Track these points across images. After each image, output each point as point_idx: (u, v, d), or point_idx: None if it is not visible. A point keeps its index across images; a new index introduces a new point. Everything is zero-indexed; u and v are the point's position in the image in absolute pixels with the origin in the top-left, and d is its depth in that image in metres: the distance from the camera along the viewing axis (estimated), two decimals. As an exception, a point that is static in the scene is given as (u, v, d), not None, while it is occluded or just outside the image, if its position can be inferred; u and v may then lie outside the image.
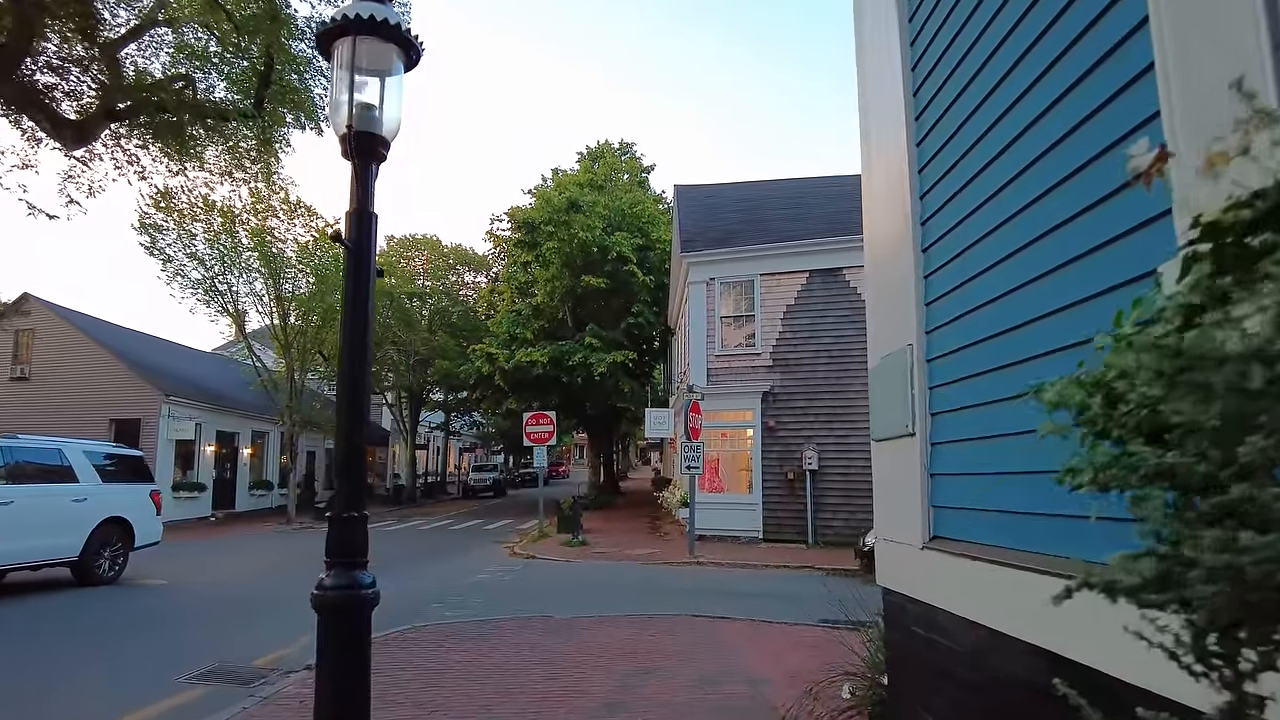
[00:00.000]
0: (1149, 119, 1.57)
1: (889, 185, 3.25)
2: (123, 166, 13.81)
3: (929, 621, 2.51)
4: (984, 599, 2.13)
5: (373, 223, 3.22)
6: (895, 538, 2.86)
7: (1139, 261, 1.60)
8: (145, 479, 11.87)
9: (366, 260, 3.17)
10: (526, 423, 18.33)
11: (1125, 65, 1.68)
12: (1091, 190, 1.82)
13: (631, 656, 6.68)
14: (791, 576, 12.45)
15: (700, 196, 21.29)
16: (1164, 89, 1.45)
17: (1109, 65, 1.75)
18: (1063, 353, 1.89)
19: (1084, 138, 1.86)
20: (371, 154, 3.25)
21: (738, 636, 7.56)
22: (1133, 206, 1.62)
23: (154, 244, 22.86)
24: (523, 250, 26.86)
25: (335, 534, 2.93)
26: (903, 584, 2.78)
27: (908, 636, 2.72)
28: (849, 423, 15.79)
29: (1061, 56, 1.94)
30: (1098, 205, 1.79)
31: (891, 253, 3.08)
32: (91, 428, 20.65)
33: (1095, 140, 1.81)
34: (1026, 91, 2.11)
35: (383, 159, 3.33)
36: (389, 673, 6.04)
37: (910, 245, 2.77)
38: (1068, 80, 1.92)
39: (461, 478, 44.81)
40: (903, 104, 3.00)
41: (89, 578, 10.29)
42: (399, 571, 12.97)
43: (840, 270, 16.40)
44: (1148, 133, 1.55)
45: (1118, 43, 1.71)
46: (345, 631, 2.87)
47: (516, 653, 6.79)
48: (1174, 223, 1.40)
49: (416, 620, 8.40)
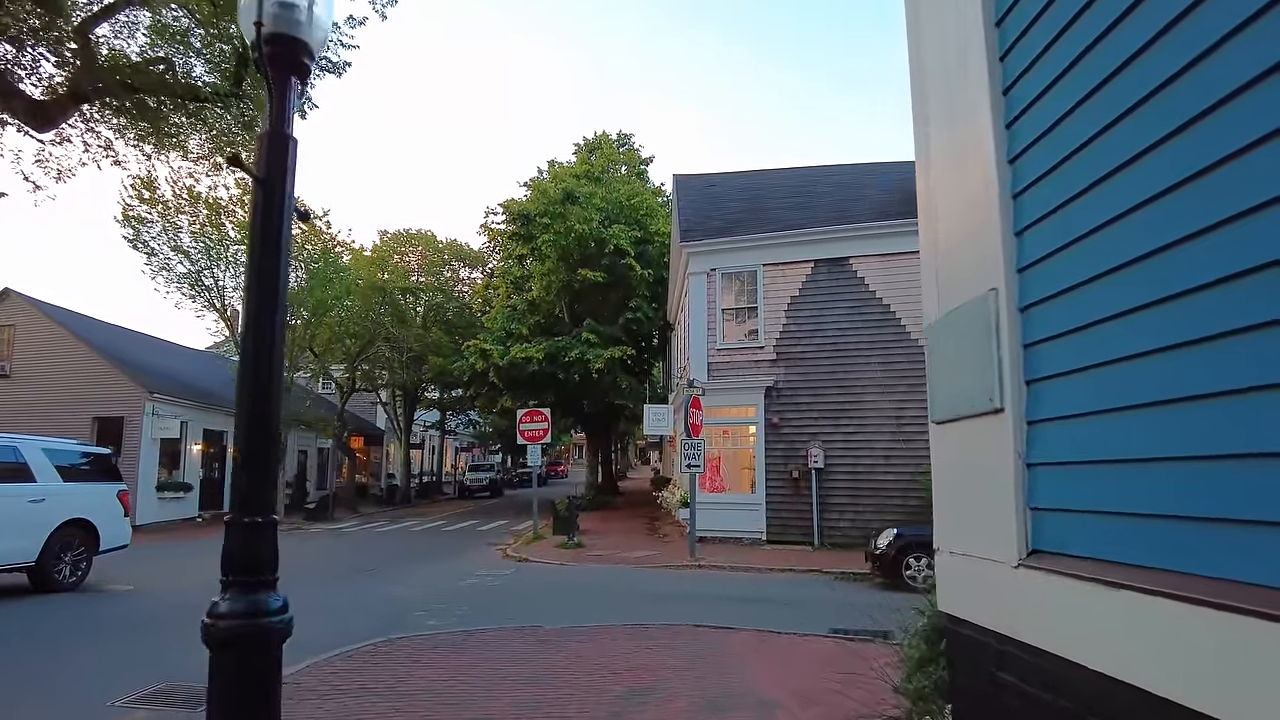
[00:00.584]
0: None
1: (946, 65, 2.51)
2: (92, 149, 13.13)
3: (1027, 669, 1.82)
4: (1126, 644, 1.47)
5: (290, 149, 2.55)
6: (968, 550, 2.15)
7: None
8: (112, 478, 11.18)
9: (281, 194, 2.50)
10: (520, 420, 17.66)
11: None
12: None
13: (627, 673, 6.00)
14: (797, 581, 11.78)
15: (701, 186, 20.61)
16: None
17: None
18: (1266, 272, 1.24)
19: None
20: (290, 64, 2.58)
21: (743, 649, 6.89)
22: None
23: (138, 237, 22.22)
24: (518, 243, 26.17)
25: (234, 543, 2.26)
26: (981, 613, 2.08)
27: (991, 686, 2.01)
28: (856, 419, 15.13)
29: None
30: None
31: (957, 167, 2.34)
32: (73, 426, 19.98)
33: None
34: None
35: (305, 72, 2.65)
36: (352, 694, 5.37)
37: (989, 151, 2.07)
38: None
39: (458, 478, 44.13)
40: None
41: (47, 584, 9.61)
42: (384, 575, 12.32)
43: (847, 260, 15.72)
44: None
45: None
46: (245, 674, 2.20)
47: (499, 670, 6.12)
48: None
49: (394, 630, 7.73)
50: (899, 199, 17.60)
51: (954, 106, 2.43)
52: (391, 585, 11.20)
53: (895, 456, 14.74)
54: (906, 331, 15.11)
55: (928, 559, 10.49)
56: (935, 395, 2.30)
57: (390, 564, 13.86)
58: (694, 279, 16.88)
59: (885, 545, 10.73)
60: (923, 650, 4.31)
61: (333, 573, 12.69)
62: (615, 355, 22.81)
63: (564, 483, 47.86)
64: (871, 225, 15.68)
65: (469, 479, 40.45)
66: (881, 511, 14.29)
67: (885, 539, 10.80)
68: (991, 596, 1.98)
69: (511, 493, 41.10)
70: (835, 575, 12.00)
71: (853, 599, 10.24)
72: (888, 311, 15.28)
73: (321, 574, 12.50)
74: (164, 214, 21.94)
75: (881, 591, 10.61)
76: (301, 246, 23.64)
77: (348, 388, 30.23)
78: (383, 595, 10.33)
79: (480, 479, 39.70)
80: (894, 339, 15.15)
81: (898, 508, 14.28)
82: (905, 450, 14.64)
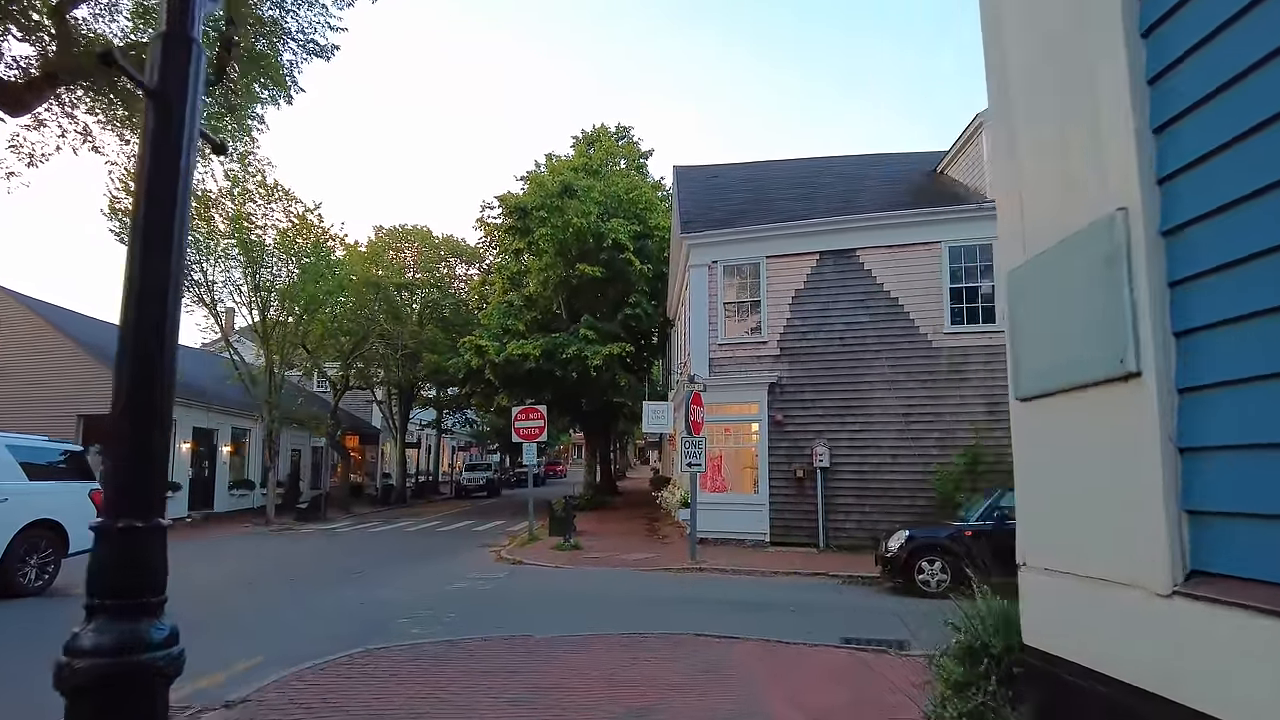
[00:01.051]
0: None
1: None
2: (69, 135, 12.59)
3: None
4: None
5: (194, 56, 2.01)
6: (1076, 568, 1.57)
7: None
8: (85, 477, 10.65)
9: (180, 110, 1.97)
10: (515, 417, 17.15)
11: None
12: None
13: (623, 690, 5.48)
14: (803, 585, 11.26)
15: (702, 177, 20.09)
16: None
17: None
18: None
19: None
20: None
21: (749, 661, 6.37)
22: None
23: (125, 229, 21.67)
24: (514, 237, 25.63)
25: (105, 555, 1.73)
26: (1098, 655, 1.49)
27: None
28: (863, 416, 14.61)
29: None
30: None
31: (1051, 51, 1.73)
32: (59, 424, 19.42)
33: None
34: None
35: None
36: (318, 714, 4.85)
37: (1113, 9, 1.51)
38: None
39: (455, 477, 43.60)
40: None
41: (11, 588, 9.08)
42: (371, 578, 11.80)
43: (853, 251, 15.19)
44: None
45: None
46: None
47: (482, 685, 5.59)
48: None
49: (375, 639, 7.20)
50: (906, 189, 17.09)
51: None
52: (378, 589, 10.68)
53: (903, 455, 14.22)
54: (915, 325, 14.59)
55: (941, 561, 9.97)
56: (1022, 363, 1.76)
57: (379, 566, 13.34)
58: (695, 271, 16.35)
59: (897, 548, 10.21)
60: (958, 672, 3.78)
61: (318, 575, 12.17)
62: (614, 352, 22.29)
63: (563, 483, 47.33)
64: (879, 216, 15.16)
65: (466, 479, 39.93)
66: (890, 512, 13.77)
67: (897, 541, 10.28)
68: (1117, 633, 1.45)
69: (509, 493, 40.55)
70: (842, 579, 11.49)
71: (862, 604, 9.74)
72: (895, 305, 14.75)
73: (306, 576, 11.98)
74: (151, 206, 21.42)
75: (893, 596, 10.10)
76: (292, 240, 23.08)
77: (341, 385, 29.70)
78: (367, 599, 9.81)
79: (477, 479, 39.18)
80: (902, 333, 14.64)
81: (906, 508, 13.77)
82: (914, 448, 14.12)
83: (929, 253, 14.70)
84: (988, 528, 9.80)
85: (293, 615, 8.92)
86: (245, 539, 18.65)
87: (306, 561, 14.00)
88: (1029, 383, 1.64)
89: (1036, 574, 1.73)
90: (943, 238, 14.61)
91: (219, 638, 7.42)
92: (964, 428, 13.86)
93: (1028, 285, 1.64)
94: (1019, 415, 1.85)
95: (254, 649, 6.85)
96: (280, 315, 23.49)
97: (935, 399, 14.24)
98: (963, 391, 14.14)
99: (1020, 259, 1.71)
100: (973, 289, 14.46)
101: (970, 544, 9.36)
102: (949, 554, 9.83)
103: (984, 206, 14.48)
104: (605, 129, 30.60)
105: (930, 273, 14.63)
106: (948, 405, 14.16)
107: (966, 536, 9.82)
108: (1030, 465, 1.83)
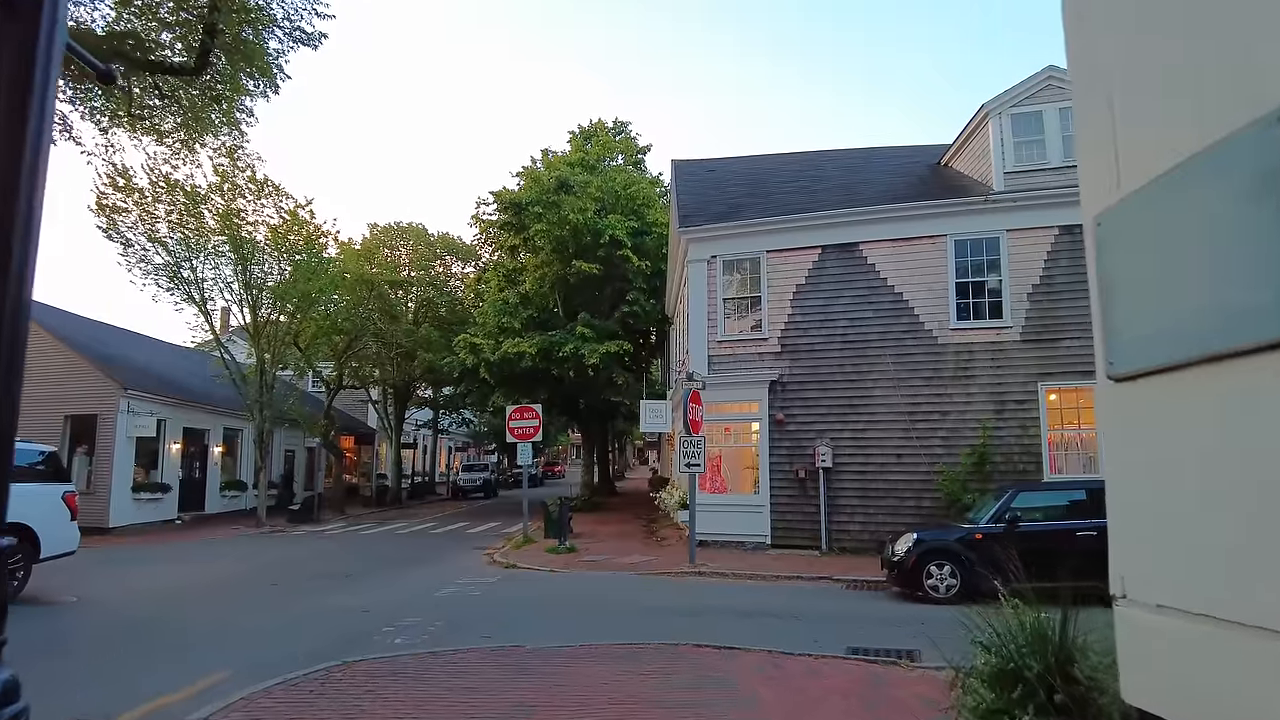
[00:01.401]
0: None
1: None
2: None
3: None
4: None
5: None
6: (1212, 609, 1.12)
7: None
8: (58, 479, 10.23)
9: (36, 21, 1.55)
10: (510, 416, 16.72)
11: None
12: None
13: (618, 709, 5.07)
14: (806, 590, 10.85)
15: (701, 171, 19.67)
16: None
17: None
18: None
19: None
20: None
21: (752, 674, 5.96)
22: None
23: (114, 226, 21.21)
24: (510, 233, 25.17)
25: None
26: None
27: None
28: (867, 415, 14.18)
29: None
30: None
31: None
32: (45, 425, 19.00)
33: None
34: None
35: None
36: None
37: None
38: None
39: (451, 478, 43.14)
40: None
41: (-24, 596, 8.64)
42: (358, 582, 11.37)
43: (856, 245, 14.77)
44: None
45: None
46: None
47: (464, 704, 5.18)
48: None
49: (355, 651, 6.79)
50: (909, 182, 16.67)
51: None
52: (363, 594, 10.26)
53: (908, 454, 13.79)
54: (920, 321, 14.18)
55: (951, 566, 9.55)
56: (1118, 331, 1.32)
57: (368, 569, 12.91)
58: (694, 267, 15.92)
59: (904, 551, 9.78)
60: (989, 699, 3.39)
61: (303, 579, 11.74)
62: (611, 350, 21.85)
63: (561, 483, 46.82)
64: (882, 209, 14.73)
65: (463, 479, 39.50)
66: (894, 514, 13.36)
67: (904, 545, 9.86)
68: (1267, 702, 1.03)
69: (506, 493, 40.09)
70: (846, 583, 11.07)
71: (869, 610, 9.32)
72: (900, 300, 14.33)
73: (290, 580, 11.55)
74: (140, 203, 20.95)
75: (900, 602, 9.69)
76: (283, 236, 22.64)
77: (335, 385, 29.25)
78: (350, 605, 9.39)
79: (474, 479, 38.75)
80: (906, 329, 14.22)
81: (911, 509, 13.36)
82: (919, 448, 13.70)
83: (934, 246, 14.28)
84: (1000, 530, 9.39)
85: (270, 623, 8.50)
86: (233, 541, 18.21)
87: (293, 565, 13.57)
88: (1131, 354, 1.21)
89: (1140, 612, 1.29)
90: (948, 231, 14.19)
91: (185, 649, 7.02)
92: (971, 426, 13.45)
93: (1125, 229, 1.22)
94: (1111, 401, 1.41)
95: (223, 662, 6.43)
96: (271, 313, 23.04)
97: (941, 397, 13.83)
98: (969, 389, 13.73)
99: (1114, 196, 1.29)
100: (979, 283, 14.05)
101: (982, 548, 8.95)
102: (959, 559, 9.42)
103: (990, 199, 14.07)
104: (602, 124, 30.16)
105: (935, 267, 14.21)
106: (954, 403, 13.75)
107: (978, 540, 9.40)
108: (1129, 466, 1.39)
